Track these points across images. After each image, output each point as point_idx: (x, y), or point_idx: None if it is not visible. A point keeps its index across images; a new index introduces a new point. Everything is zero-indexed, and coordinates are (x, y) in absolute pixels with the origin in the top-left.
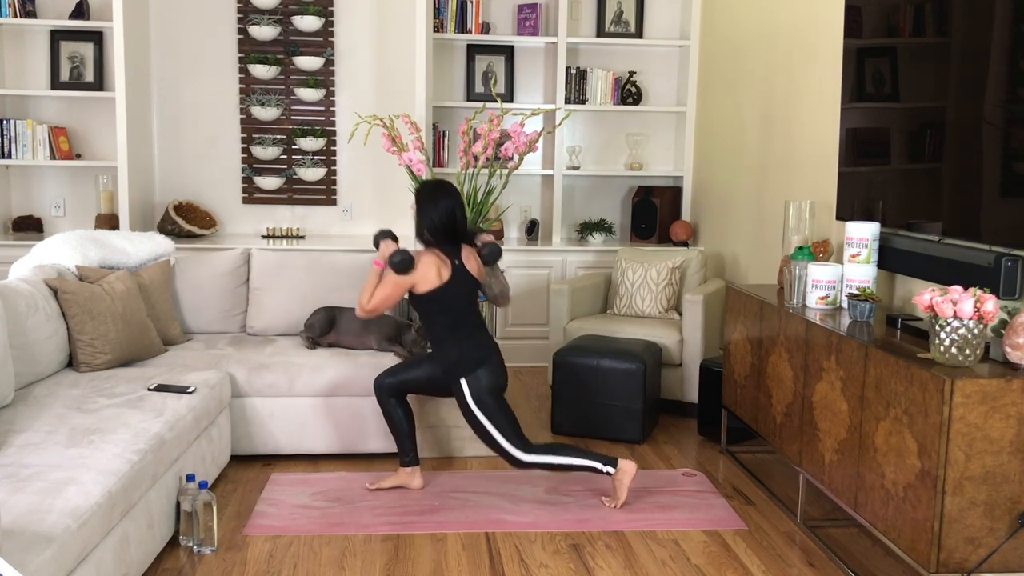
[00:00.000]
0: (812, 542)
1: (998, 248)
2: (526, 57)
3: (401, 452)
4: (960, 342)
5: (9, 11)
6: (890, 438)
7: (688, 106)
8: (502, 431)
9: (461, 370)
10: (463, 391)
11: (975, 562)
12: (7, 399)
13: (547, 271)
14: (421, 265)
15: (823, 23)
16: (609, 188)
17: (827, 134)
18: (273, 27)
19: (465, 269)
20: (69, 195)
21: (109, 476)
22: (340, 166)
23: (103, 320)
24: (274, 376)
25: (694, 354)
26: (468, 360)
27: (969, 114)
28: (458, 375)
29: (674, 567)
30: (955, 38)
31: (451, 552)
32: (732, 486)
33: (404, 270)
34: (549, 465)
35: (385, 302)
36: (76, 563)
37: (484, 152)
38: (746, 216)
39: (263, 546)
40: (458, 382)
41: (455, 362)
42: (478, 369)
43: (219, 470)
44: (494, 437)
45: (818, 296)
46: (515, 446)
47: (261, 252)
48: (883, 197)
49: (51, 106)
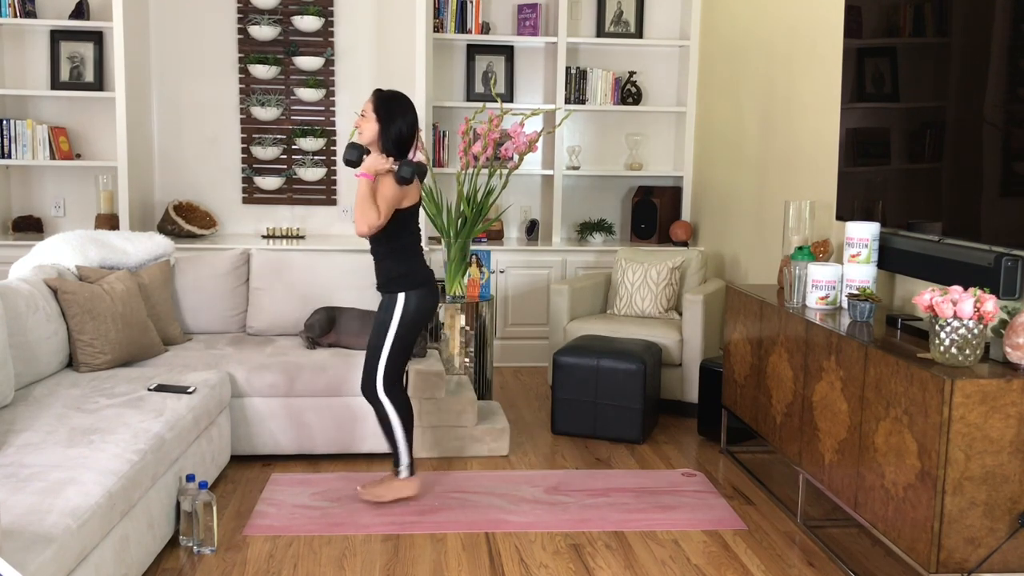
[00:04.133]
0: (812, 542)
1: (998, 248)
2: (526, 57)
3: (396, 460)
4: (960, 342)
5: (9, 11)
6: (890, 438)
7: (688, 106)
8: (390, 357)
9: (405, 284)
10: (395, 304)
11: (975, 562)
12: (7, 399)
13: (547, 271)
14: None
15: (823, 23)
16: (609, 188)
17: (827, 134)
18: (273, 27)
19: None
20: (69, 195)
21: (109, 476)
22: (340, 166)
23: (103, 320)
24: (274, 376)
25: (694, 354)
26: (415, 277)
27: (969, 114)
28: (400, 288)
29: (674, 567)
30: (955, 38)
31: (451, 552)
32: (732, 486)
33: (421, 178)
34: (385, 416)
35: (390, 214)
36: (76, 563)
37: (484, 152)
38: (746, 216)
39: (263, 546)
40: (396, 295)
41: (403, 275)
42: (422, 288)
43: (219, 470)
44: (379, 356)
45: (818, 296)
46: (385, 376)
47: (261, 252)
48: (883, 197)
49: (51, 106)
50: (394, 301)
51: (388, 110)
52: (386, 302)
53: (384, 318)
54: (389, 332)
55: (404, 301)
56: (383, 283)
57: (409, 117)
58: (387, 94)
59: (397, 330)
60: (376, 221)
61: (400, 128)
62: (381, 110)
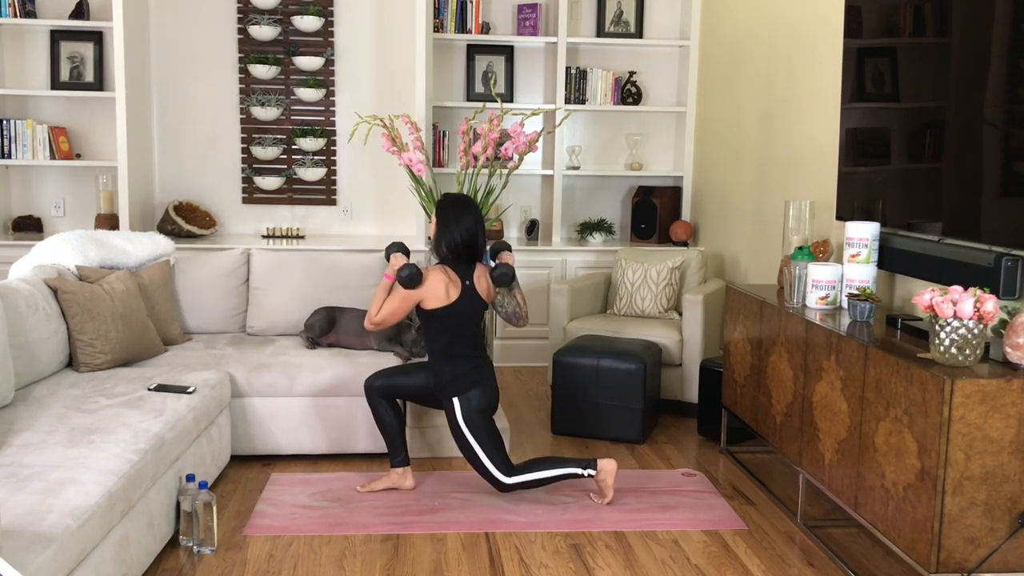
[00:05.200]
0: (812, 542)
1: (998, 248)
2: (526, 57)
3: (392, 452)
4: (960, 342)
5: (9, 11)
6: (890, 438)
7: (688, 106)
8: (488, 454)
9: (455, 389)
10: (454, 410)
11: (975, 562)
12: (7, 399)
13: (547, 271)
14: (429, 282)
15: (823, 23)
16: (609, 188)
17: (827, 134)
18: (273, 27)
19: (475, 290)
20: (69, 195)
21: (109, 476)
22: (340, 166)
23: (103, 320)
24: (274, 376)
25: (694, 354)
26: (464, 380)
27: (969, 114)
28: (451, 393)
29: (674, 567)
30: (955, 38)
31: (451, 552)
32: (732, 486)
33: (411, 285)
34: (532, 482)
35: (393, 316)
36: (76, 563)
37: (484, 152)
38: (746, 216)
39: (263, 546)
40: (451, 400)
41: (450, 380)
42: (472, 390)
43: (219, 470)
44: (480, 459)
45: (818, 296)
46: (499, 469)
47: (261, 252)
48: (883, 197)
49: (51, 106)
50: (452, 408)
51: (441, 216)
52: (447, 407)
53: (454, 427)
54: (468, 439)
55: (459, 406)
56: (440, 385)
57: (464, 222)
58: (444, 199)
59: (472, 433)
60: (374, 317)
61: (453, 236)
62: (439, 215)
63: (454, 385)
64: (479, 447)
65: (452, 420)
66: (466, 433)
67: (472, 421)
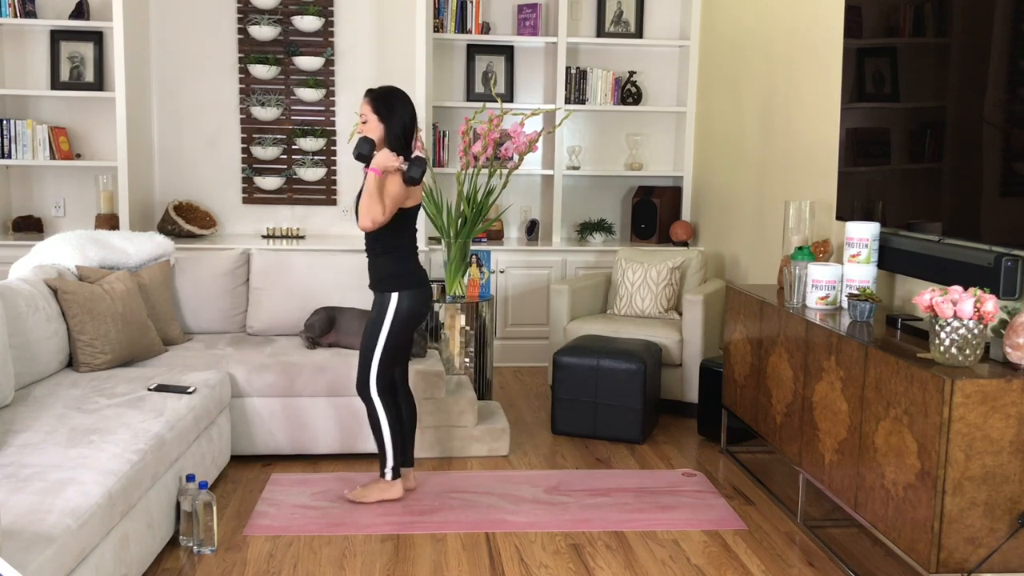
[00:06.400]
0: (812, 542)
1: (998, 248)
2: (526, 57)
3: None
4: (960, 342)
5: (9, 11)
6: (890, 438)
7: (688, 106)
8: (383, 356)
9: (399, 284)
10: (389, 303)
11: (975, 562)
12: (7, 399)
13: (547, 271)
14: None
15: (823, 23)
16: (609, 188)
17: (827, 134)
18: (273, 27)
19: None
20: (69, 195)
21: (109, 476)
22: (340, 166)
23: (103, 320)
24: (274, 376)
25: (694, 354)
26: (411, 276)
27: (969, 114)
28: (392, 288)
29: (674, 567)
30: (955, 38)
31: (451, 552)
32: (732, 486)
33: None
34: (376, 416)
35: (394, 212)
36: (76, 563)
37: (484, 152)
38: (746, 216)
39: (263, 546)
40: (389, 295)
41: (396, 274)
42: (415, 288)
43: (219, 470)
44: (372, 356)
45: (818, 296)
46: (378, 376)
47: (261, 252)
48: (883, 197)
49: (51, 106)
50: (387, 301)
51: (388, 106)
52: (379, 301)
53: (377, 318)
54: (382, 332)
55: (397, 301)
56: (376, 282)
57: (408, 109)
58: (381, 92)
59: (390, 329)
60: (380, 217)
61: (403, 121)
62: (381, 108)
63: (399, 280)
64: (381, 347)
65: (379, 314)
66: (383, 328)
67: (397, 321)
